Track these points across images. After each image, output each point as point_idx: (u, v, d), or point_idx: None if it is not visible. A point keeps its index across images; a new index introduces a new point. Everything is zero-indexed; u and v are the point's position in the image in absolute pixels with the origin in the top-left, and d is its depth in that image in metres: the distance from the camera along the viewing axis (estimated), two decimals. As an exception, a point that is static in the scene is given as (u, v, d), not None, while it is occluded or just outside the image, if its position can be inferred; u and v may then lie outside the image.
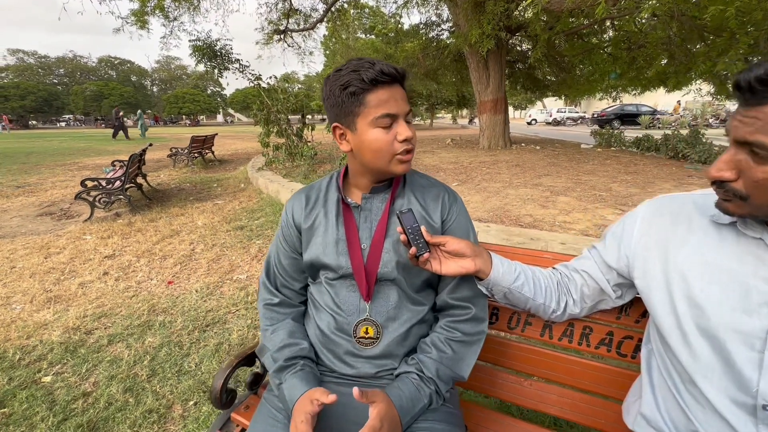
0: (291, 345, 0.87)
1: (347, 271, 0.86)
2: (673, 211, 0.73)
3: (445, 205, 0.90)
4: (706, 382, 0.63)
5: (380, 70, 0.74)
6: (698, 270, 0.66)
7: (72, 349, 2.02)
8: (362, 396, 0.68)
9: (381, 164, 0.82)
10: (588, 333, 0.93)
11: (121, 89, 51.68)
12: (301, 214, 0.92)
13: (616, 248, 0.79)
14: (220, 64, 7.34)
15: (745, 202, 0.56)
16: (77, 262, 3.23)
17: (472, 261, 0.79)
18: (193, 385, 1.71)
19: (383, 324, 0.86)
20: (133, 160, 4.82)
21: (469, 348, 0.85)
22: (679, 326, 0.67)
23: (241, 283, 2.79)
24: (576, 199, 4.14)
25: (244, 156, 11.27)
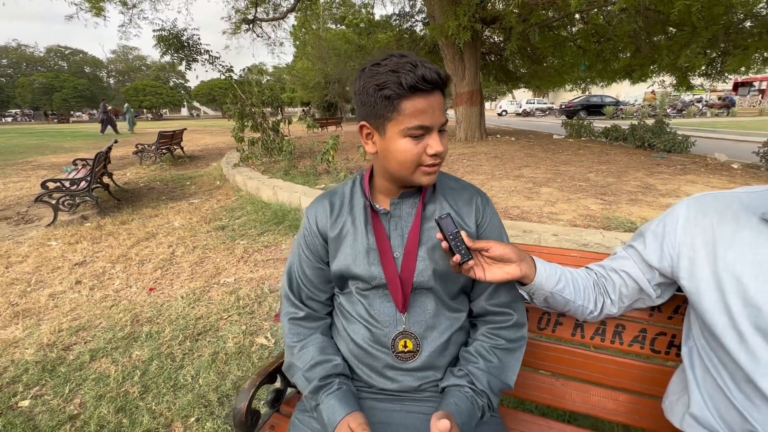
0: (323, 362, 0.81)
1: (381, 281, 0.81)
2: (718, 210, 0.73)
3: (479, 208, 0.86)
4: (765, 380, 0.64)
5: (422, 76, 0.67)
6: (751, 269, 0.66)
7: (50, 368, 1.86)
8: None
9: (405, 174, 0.76)
10: (621, 331, 0.93)
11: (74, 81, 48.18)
12: (326, 221, 0.86)
13: (659, 248, 0.78)
14: (187, 56, 6.95)
15: None
16: (44, 271, 2.98)
17: (518, 266, 0.76)
18: (192, 400, 1.61)
19: (422, 335, 0.81)
20: (99, 159, 4.50)
21: (512, 355, 0.82)
22: (734, 326, 0.67)
23: (229, 287, 2.67)
24: (558, 190, 4.24)
25: (216, 151, 10.83)
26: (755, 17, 6.69)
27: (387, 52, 0.74)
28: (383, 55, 0.73)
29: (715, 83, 8.54)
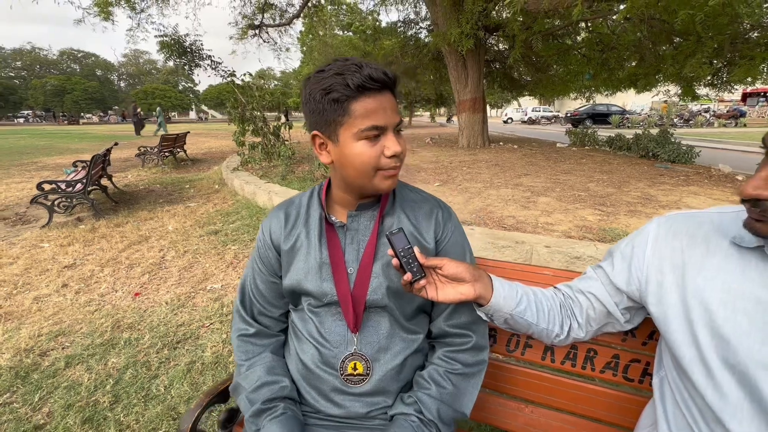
0: (270, 383, 0.77)
1: (332, 298, 0.76)
2: (689, 232, 0.67)
3: (439, 223, 0.82)
4: (733, 420, 0.58)
5: (368, 75, 0.64)
6: (720, 297, 0.60)
7: (23, 374, 1.82)
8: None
9: (364, 181, 0.72)
10: (592, 356, 0.87)
11: (85, 84, 49.01)
12: (280, 234, 0.82)
13: (627, 270, 0.73)
14: (190, 61, 7.01)
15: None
16: (33, 274, 2.97)
17: (472, 286, 0.71)
18: (161, 412, 1.57)
19: (373, 356, 0.77)
20: (96, 161, 4.51)
21: (470, 381, 0.77)
22: (702, 359, 0.61)
23: (215, 293, 2.64)
24: (556, 200, 4.17)
25: (219, 155, 10.88)
26: (762, 28, 6.61)
27: (333, 58, 0.71)
28: (329, 61, 0.70)
29: (722, 93, 8.44)
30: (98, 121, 51.73)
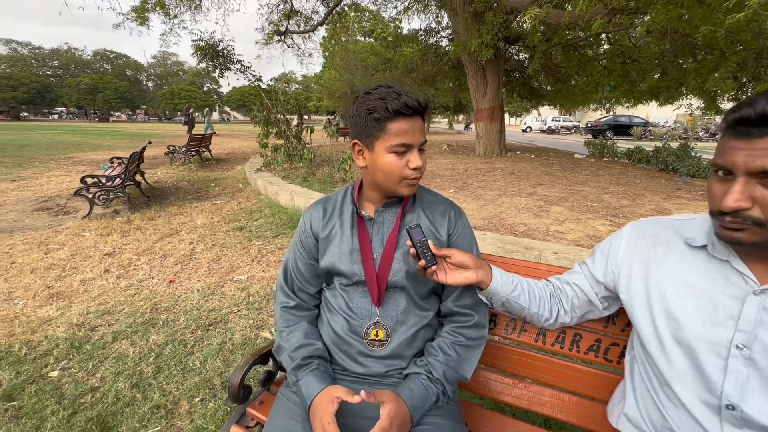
0: (306, 345, 0.94)
1: (360, 278, 0.94)
2: (654, 234, 0.83)
3: (452, 220, 0.98)
4: (680, 385, 0.72)
5: (405, 103, 0.82)
6: (675, 287, 0.75)
7: (77, 345, 2.06)
8: (370, 396, 0.75)
9: (390, 185, 0.90)
10: (578, 339, 1.02)
11: (116, 83, 51.14)
12: (319, 224, 1.00)
13: (604, 264, 0.88)
14: (221, 65, 7.38)
15: (763, 228, 0.61)
16: (78, 259, 3.25)
17: (475, 272, 0.87)
18: (198, 383, 1.77)
19: (392, 327, 0.94)
20: (133, 158, 4.84)
21: (471, 351, 0.93)
22: (657, 336, 0.76)
23: (241, 284, 2.85)
24: (569, 210, 4.26)
25: (241, 155, 11.28)
26: (789, 43, 6.52)
27: (377, 83, 0.89)
28: (374, 86, 0.88)
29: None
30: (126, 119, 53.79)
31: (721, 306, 0.69)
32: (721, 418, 0.68)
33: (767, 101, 0.57)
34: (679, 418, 0.73)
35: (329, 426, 0.75)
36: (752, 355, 0.65)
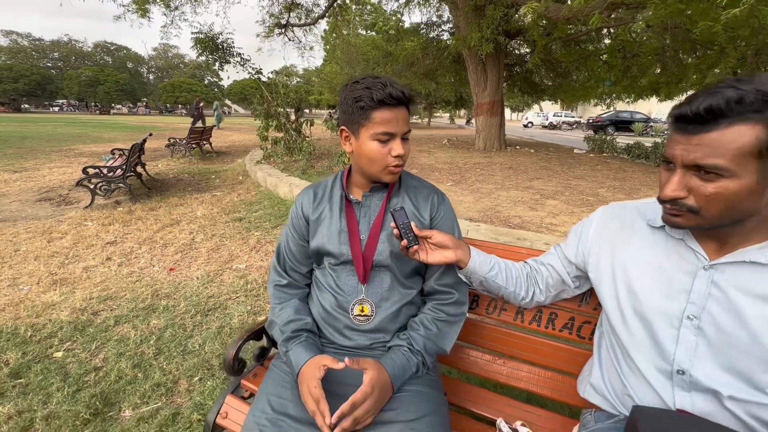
0: (297, 320, 1.01)
1: (348, 257, 1.00)
2: (621, 217, 0.88)
3: (434, 204, 1.04)
4: (638, 354, 0.78)
5: (389, 94, 0.87)
6: (636, 264, 0.81)
7: (81, 328, 2.13)
8: (353, 363, 0.82)
9: (373, 171, 0.95)
10: (554, 318, 1.08)
11: (117, 76, 51.04)
12: (310, 207, 1.06)
13: (576, 246, 0.94)
14: (221, 58, 7.40)
15: (696, 214, 0.67)
16: (80, 247, 3.32)
17: (454, 252, 0.93)
18: (197, 363, 1.84)
19: (377, 303, 1.00)
20: (135, 150, 4.89)
21: (451, 327, 1.00)
22: (619, 309, 0.82)
23: (240, 272, 2.92)
24: (564, 203, 4.32)
25: (242, 148, 11.32)
26: (789, 39, 6.51)
27: (366, 74, 0.94)
28: (362, 76, 0.93)
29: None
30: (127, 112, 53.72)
31: (675, 281, 0.75)
32: (673, 383, 0.74)
33: (704, 99, 0.62)
34: (637, 385, 0.79)
35: (315, 390, 0.81)
36: (701, 325, 0.71)
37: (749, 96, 0.58)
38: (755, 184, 0.61)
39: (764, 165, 0.60)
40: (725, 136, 0.60)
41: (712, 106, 0.60)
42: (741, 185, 0.62)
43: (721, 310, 0.69)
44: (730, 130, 0.60)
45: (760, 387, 0.67)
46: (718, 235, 0.72)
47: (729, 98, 0.59)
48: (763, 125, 0.58)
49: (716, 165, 0.62)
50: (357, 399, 0.78)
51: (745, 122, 0.59)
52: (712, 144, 0.62)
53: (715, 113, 0.60)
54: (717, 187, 0.63)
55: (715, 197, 0.64)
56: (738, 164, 0.61)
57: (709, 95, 0.61)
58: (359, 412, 0.78)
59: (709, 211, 0.66)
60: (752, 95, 0.58)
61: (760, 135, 0.59)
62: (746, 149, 0.60)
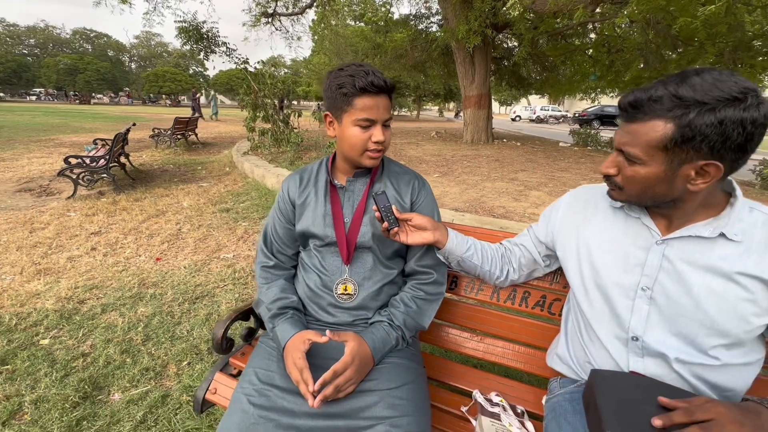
0: (283, 298, 1.05)
1: (332, 239, 1.04)
2: (586, 199, 0.95)
3: (415, 189, 1.09)
4: (598, 324, 0.86)
5: (371, 82, 0.91)
6: (598, 242, 0.88)
7: (67, 316, 2.14)
8: (334, 335, 0.87)
9: (354, 156, 0.99)
10: (527, 296, 1.15)
11: (98, 64, 49.46)
12: (296, 191, 1.09)
13: (545, 227, 1.01)
14: (206, 47, 7.27)
15: (622, 191, 0.78)
16: (63, 238, 3.29)
17: (432, 233, 0.99)
18: (186, 348, 1.87)
19: (360, 283, 1.05)
20: (118, 139, 4.81)
21: (430, 305, 1.05)
22: (583, 284, 0.89)
23: (228, 261, 2.94)
24: (547, 194, 4.43)
25: (228, 139, 11.17)
26: (765, 37, 6.73)
27: (351, 62, 0.98)
28: (347, 63, 0.97)
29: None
30: (109, 101, 52.18)
31: (631, 256, 0.82)
32: (628, 349, 0.81)
33: (636, 93, 0.70)
34: (596, 352, 0.86)
35: (299, 360, 0.86)
36: (653, 296, 0.78)
37: (665, 96, 0.66)
38: (663, 173, 0.70)
39: (671, 158, 0.69)
40: (642, 128, 0.70)
41: (636, 101, 0.70)
42: (649, 172, 0.71)
43: (670, 281, 0.76)
44: (647, 123, 0.69)
45: (703, 349, 0.74)
46: (666, 215, 0.79)
47: (650, 96, 0.68)
48: (672, 123, 0.66)
49: (631, 153, 0.72)
50: (338, 368, 0.83)
51: (658, 118, 0.67)
52: (633, 133, 0.71)
53: (637, 107, 0.70)
54: (632, 170, 0.74)
55: (631, 179, 0.75)
56: (647, 154, 0.70)
57: (641, 91, 0.70)
58: (340, 380, 0.83)
59: (629, 189, 0.76)
60: (668, 96, 0.66)
61: (667, 132, 0.67)
62: (654, 142, 0.68)
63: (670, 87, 0.66)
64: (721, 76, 0.64)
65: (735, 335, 0.72)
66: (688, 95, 0.64)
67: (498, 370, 1.55)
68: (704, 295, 0.73)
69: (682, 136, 0.66)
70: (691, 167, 0.68)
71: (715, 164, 0.66)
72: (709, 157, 0.66)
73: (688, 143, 0.66)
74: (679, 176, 0.70)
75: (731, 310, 0.71)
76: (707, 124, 0.63)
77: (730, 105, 0.62)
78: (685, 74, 0.67)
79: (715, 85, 0.63)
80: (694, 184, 0.70)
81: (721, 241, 0.73)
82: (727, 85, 0.63)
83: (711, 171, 0.67)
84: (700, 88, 0.64)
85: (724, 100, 0.62)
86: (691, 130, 0.65)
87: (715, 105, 0.63)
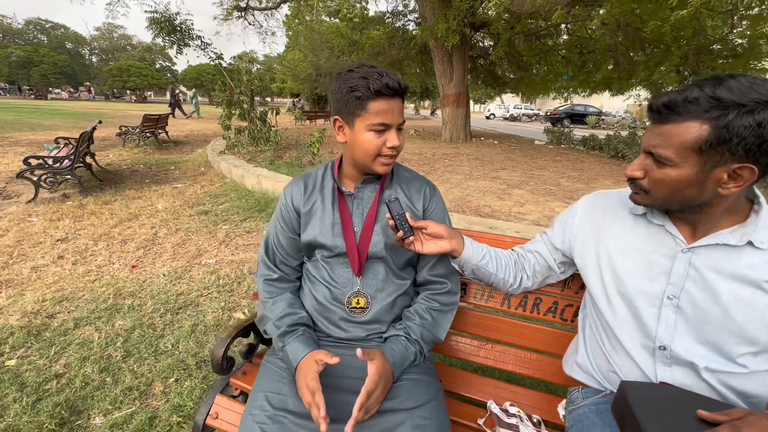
0: (291, 314, 0.98)
1: (342, 250, 0.99)
2: (604, 205, 0.93)
3: (426, 196, 1.05)
4: (623, 333, 0.84)
5: (386, 84, 0.85)
6: (619, 249, 0.86)
7: (35, 333, 1.96)
8: (364, 355, 0.81)
9: (367, 162, 0.94)
10: (539, 303, 1.13)
11: (55, 57, 46.42)
12: (300, 199, 1.03)
13: (561, 233, 0.99)
14: (179, 40, 6.93)
15: (647, 194, 0.76)
16: (26, 246, 3.04)
17: (449, 242, 0.95)
18: (172, 364, 1.76)
19: (372, 295, 0.99)
20: (84, 138, 4.51)
21: (445, 315, 1.02)
22: (605, 292, 0.87)
23: (210, 267, 2.80)
24: (529, 192, 4.50)
25: (201, 138, 10.76)
26: (724, 41, 7.12)
27: (360, 63, 0.92)
28: (357, 64, 0.91)
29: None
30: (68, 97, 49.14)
31: (655, 264, 0.80)
32: (655, 359, 0.80)
33: (670, 95, 0.69)
34: (621, 362, 0.85)
35: (312, 381, 0.80)
36: (680, 304, 0.77)
37: (702, 98, 0.65)
38: (695, 175, 0.69)
39: (704, 160, 0.67)
40: (676, 129, 0.68)
41: (670, 102, 0.68)
42: (681, 174, 0.70)
43: (697, 289, 0.76)
44: (681, 125, 0.68)
45: (731, 357, 0.74)
46: (690, 221, 0.78)
47: (685, 97, 0.66)
48: (708, 125, 0.65)
49: (662, 155, 0.70)
50: (370, 388, 0.78)
51: (694, 120, 0.66)
52: (665, 134, 0.70)
53: (672, 108, 0.68)
54: (662, 173, 0.72)
55: (660, 182, 0.73)
56: (680, 156, 0.69)
57: (675, 93, 0.69)
58: (370, 402, 0.78)
59: (656, 192, 0.75)
60: (704, 97, 0.65)
61: (703, 133, 0.66)
62: (689, 144, 0.67)
63: (707, 89, 0.65)
64: (757, 81, 0.64)
65: (764, 342, 0.72)
66: (726, 97, 0.63)
67: (510, 377, 1.53)
68: (733, 303, 0.72)
69: (718, 137, 0.65)
70: (724, 170, 0.67)
71: (750, 167, 0.66)
72: (744, 160, 0.66)
73: (724, 145, 0.65)
74: (711, 179, 0.69)
75: (760, 318, 0.71)
76: (745, 126, 0.63)
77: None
78: (720, 78, 0.66)
79: (753, 88, 0.63)
80: (725, 187, 0.69)
81: (747, 249, 0.73)
82: (765, 88, 0.62)
83: (745, 174, 0.67)
84: (738, 91, 0.63)
85: (763, 102, 0.62)
86: (728, 132, 0.64)
87: (754, 107, 0.62)
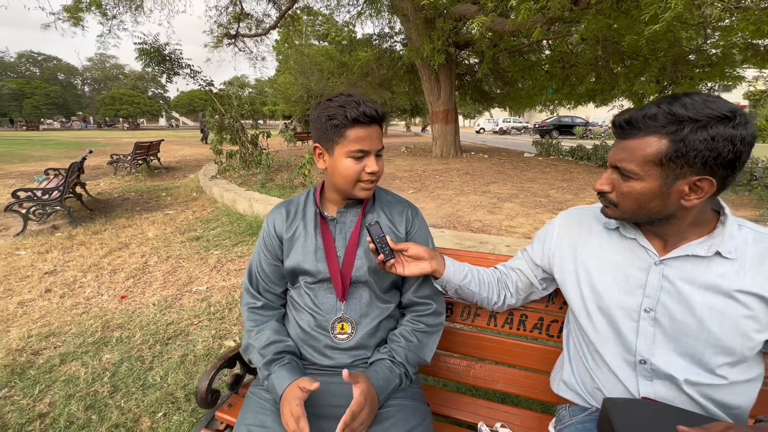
0: (277, 342, 0.98)
1: (325, 275, 0.99)
2: (580, 220, 0.95)
3: (409, 219, 1.06)
4: (604, 348, 0.85)
5: (363, 112, 0.88)
6: (596, 264, 0.88)
7: (19, 371, 1.91)
8: (350, 377, 0.80)
9: (347, 188, 0.95)
10: (524, 319, 1.14)
11: (47, 88, 46.83)
12: (282, 225, 1.03)
13: (541, 250, 1.00)
14: (169, 69, 7.04)
15: (617, 208, 0.79)
16: (12, 280, 2.99)
17: (429, 263, 0.96)
18: (160, 397, 1.72)
19: (357, 320, 0.99)
20: (73, 169, 4.51)
21: (431, 337, 1.01)
22: (585, 307, 0.88)
23: (201, 294, 2.77)
24: (519, 205, 4.54)
25: (194, 163, 10.80)
26: (699, 51, 7.37)
27: (339, 91, 0.95)
28: (336, 93, 0.94)
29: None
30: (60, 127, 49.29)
31: (631, 277, 0.82)
32: (636, 373, 0.80)
33: (631, 112, 0.73)
34: (604, 378, 0.85)
35: (296, 408, 0.79)
36: (657, 317, 0.78)
37: (660, 114, 0.69)
38: (658, 188, 0.72)
39: (666, 173, 0.71)
40: (638, 144, 0.71)
41: (631, 118, 0.72)
42: (645, 187, 0.73)
43: (672, 301, 0.77)
44: (642, 140, 0.71)
45: (710, 368, 0.74)
46: (660, 233, 0.80)
47: (645, 114, 0.70)
48: (666, 139, 0.68)
49: (626, 168, 0.73)
50: (355, 410, 0.77)
51: (653, 134, 0.70)
52: (628, 149, 0.73)
53: (632, 124, 0.72)
54: (628, 186, 0.75)
55: (626, 195, 0.76)
56: (643, 169, 0.72)
57: (635, 110, 0.73)
58: (355, 424, 0.77)
59: (624, 205, 0.78)
60: (662, 114, 0.68)
61: (662, 147, 0.69)
62: (650, 157, 0.70)
63: (664, 106, 0.68)
64: (710, 98, 0.67)
65: (740, 352, 0.73)
66: (681, 113, 0.66)
67: (499, 396, 1.51)
68: (707, 313, 0.73)
69: (676, 151, 0.67)
70: (685, 182, 0.70)
71: (708, 179, 0.68)
72: (702, 172, 0.68)
73: (682, 158, 0.68)
74: (674, 192, 0.71)
75: (734, 327, 0.72)
76: (700, 140, 0.66)
77: (721, 122, 0.65)
78: (676, 96, 0.69)
79: (706, 105, 0.66)
80: (687, 199, 0.71)
81: (716, 260, 0.75)
82: (717, 105, 0.65)
83: (704, 186, 0.69)
84: (692, 107, 0.66)
85: (715, 117, 0.65)
86: (685, 145, 0.67)
87: (707, 122, 0.65)
